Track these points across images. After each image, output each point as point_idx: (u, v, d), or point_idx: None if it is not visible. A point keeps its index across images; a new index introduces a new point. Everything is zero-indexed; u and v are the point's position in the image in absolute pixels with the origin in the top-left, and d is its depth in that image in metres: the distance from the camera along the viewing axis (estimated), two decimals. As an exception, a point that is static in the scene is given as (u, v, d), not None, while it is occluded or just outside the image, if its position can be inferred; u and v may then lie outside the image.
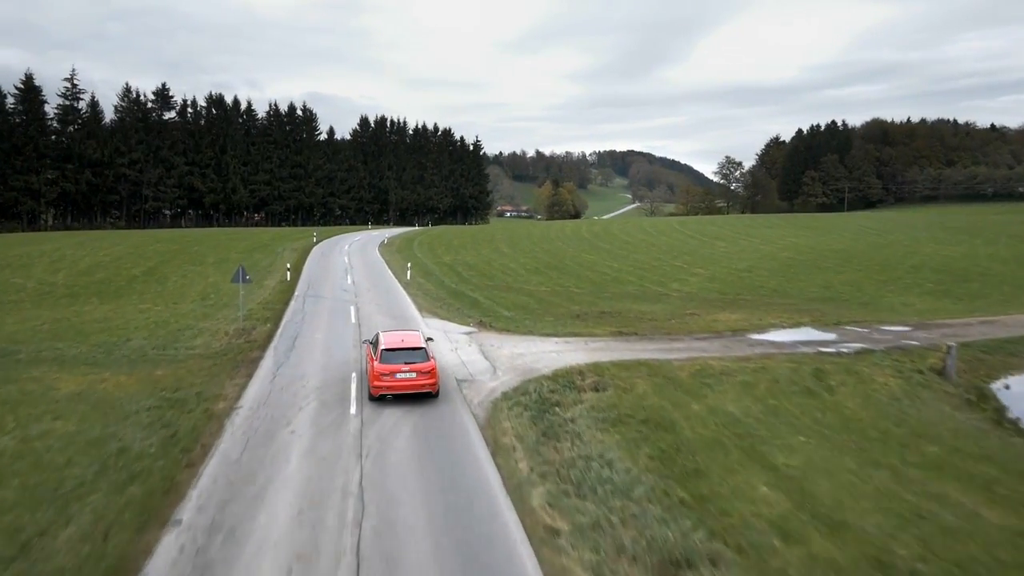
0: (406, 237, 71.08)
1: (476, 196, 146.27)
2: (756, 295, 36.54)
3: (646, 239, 66.47)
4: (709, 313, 30.19)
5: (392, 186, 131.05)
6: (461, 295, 33.78)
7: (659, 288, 38.57)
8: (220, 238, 64.84)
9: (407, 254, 54.07)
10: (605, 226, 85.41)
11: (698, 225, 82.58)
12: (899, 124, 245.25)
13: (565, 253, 55.49)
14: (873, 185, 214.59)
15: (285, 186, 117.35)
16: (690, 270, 45.42)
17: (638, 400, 16.57)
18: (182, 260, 48.21)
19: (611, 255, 54.26)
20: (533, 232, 75.85)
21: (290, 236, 69.75)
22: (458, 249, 59.25)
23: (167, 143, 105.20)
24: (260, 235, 69.59)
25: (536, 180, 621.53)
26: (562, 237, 70.18)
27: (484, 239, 68.92)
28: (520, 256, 53.97)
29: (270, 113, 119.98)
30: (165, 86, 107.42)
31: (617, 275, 43.45)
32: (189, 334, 24.58)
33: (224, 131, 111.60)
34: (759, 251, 55.34)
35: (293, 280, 37.68)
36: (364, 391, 16.69)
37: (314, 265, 44.49)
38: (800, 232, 71.34)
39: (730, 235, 69.26)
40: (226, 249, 55.15)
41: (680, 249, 57.69)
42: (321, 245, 59.68)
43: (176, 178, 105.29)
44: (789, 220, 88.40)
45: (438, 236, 72.99)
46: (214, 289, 36.25)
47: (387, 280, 37.69)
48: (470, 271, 45.38)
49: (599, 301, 33.50)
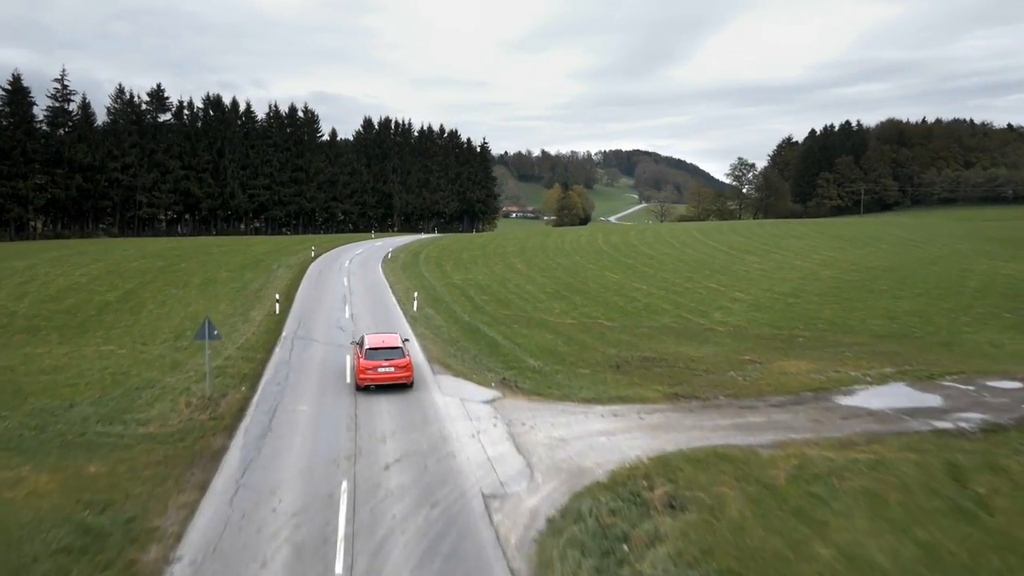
0: (411, 250, 66.49)
1: (483, 200, 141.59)
2: (814, 329, 31.82)
3: (670, 252, 61.73)
4: (770, 359, 25.53)
5: (397, 190, 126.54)
6: (476, 333, 29.17)
7: (700, 320, 33.87)
8: (212, 251, 60.37)
9: (413, 273, 49.50)
10: (622, 235, 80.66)
11: (720, 235, 77.78)
12: (915, 124, 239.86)
13: (586, 271, 50.82)
14: (889, 187, 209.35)
15: (285, 191, 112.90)
16: (729, 294, 40.69)
17: (736, 534, 11.90)
18: (164, 281, 43.70)
19: (636, 273, 49.57)
20: (547, 244, 71.17)
21: (287, 248, 65.24)
22: (468, 266, 54.64)
23: (162, 146, 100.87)
24: (255, 247, 65.08)
25: (542, 180, 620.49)
26: (578, 249, 65.51)
27: (495, 252, 64.29)
28: (537, 275, 49.33)
29: (270, 114, 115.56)
30: (160, 87, 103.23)
31: (648, 301, 38.75)
32: (148, 396, 20.04)
33: (222, 133, 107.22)
34: (797, 268, 50.57)
35: (283, 311, 33.11)
36: (365, 525, 12.08)
37: (309, 290, 39.90)
38: (833, 244, 66.49)
39: (758, 247, 64.46)
40: (215, 266, 50.65)
41: (710, 265, 52.95)
42: (319, 261, 55.14)
43: (171, 183, 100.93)
44: (815, 228, 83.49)
45: (446, 248, 68.40)
46: (192, 322, 31.70)
47: (391, 312, 33.10)
48: (483, 295, 40.76)
49: (637, 341, 28.84)
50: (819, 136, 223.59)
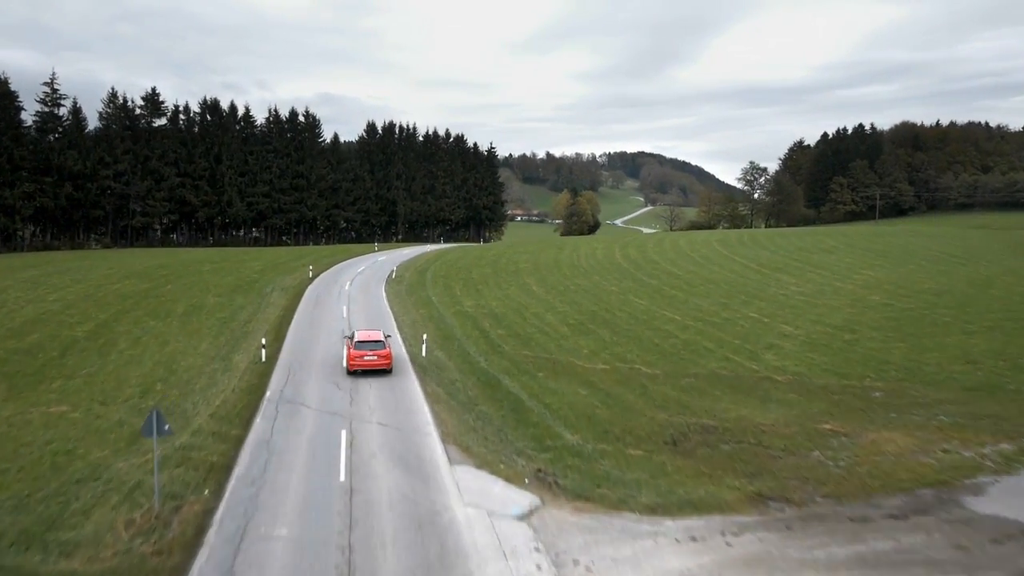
0: (418, 267, 62.08)
1: (490, 207, 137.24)
2: (886, 378, 27.32)
3: (696, 271, 57.22)
4: (855, 428, 21.09)
5: (401, 197, 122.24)
6: (496, 388, 24.77)
7: (751, 364, 29.38)
8: (202, 270, 56.11)
9: (420, 298, 45.12)
10: (640, 248, 76.13)
11: (744, 248, 73.21)
12: (929, 127, 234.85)
13: (608, 295, 46.35)
14: (905, 192, 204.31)
15: (285, 198, 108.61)
16: (774, 327, 36.19)
17: None
18: (145, 309, 39.37)
19: (664, 298, 45.08)
20: (561, 259, 66.72)
21: (284, 265, 60.93)
22: (479, 287, 50.24)
23: (156, 153, 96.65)
24: (249, 264, 60.77)
25: (546, 183, 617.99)
26: (596, 267, 61.06)
27: (507, 269, 59.88)
28: (555, 299, 44.88)
29: (269, 119, 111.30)
30: (155, 91, 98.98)
31: (686, 337, 34.26)
32: (87, 496, 15.67)
33: (219, 139, 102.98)
34: (840, 292, 46.01)
35: (271, 356, 28.68)
36: None
37: (303, 325, 35.46)
38: (868, 260, 61.90)
39: (789, 264, 59.90)
40: (203, 290, 46.34)
41: (743, 287, 48.43)
42: (317, 283, 50.76)
43: (166, 191, 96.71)
44: (843, 240, 78.80)
45: (454, 264, 63.99)
46: (165, 370, 27.35)
47: (396, 359, 28.71)
48: (499, 327, 36.34)
49: (687, 398, 24.39)
50: (832, 140, 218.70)
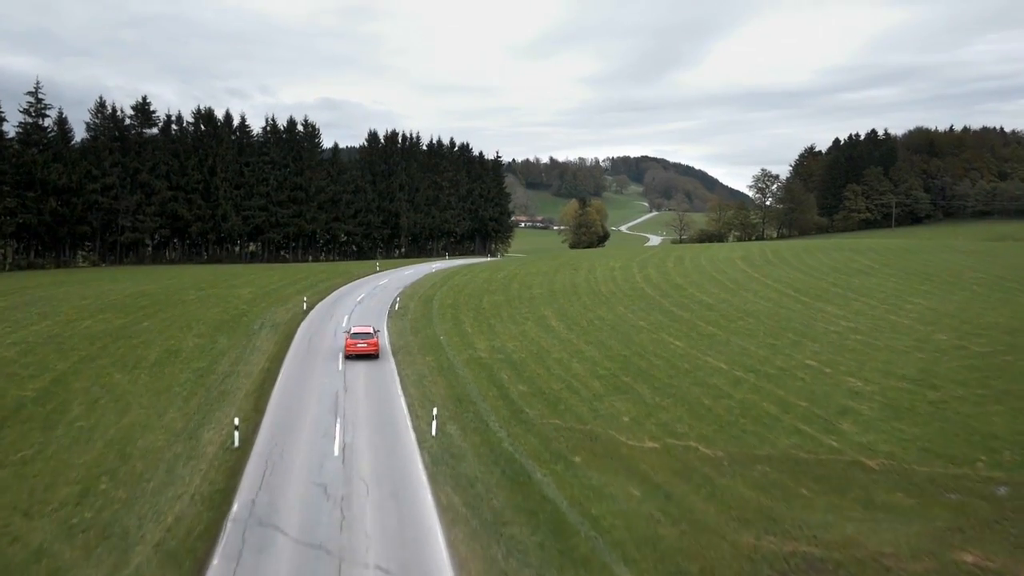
0: (423, 295, 57.03)
1: (497, 218, 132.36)
2: (1003, 462, 22.17)
3: (727, 298, 52.08)
4: (1004, 556, 16.01)
5: (404, 209, 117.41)
6: (527, 489, 19.69)
7: (831, 439, 24.25)
8: (187, 299, 51.17)
9: (426, 339, 40.05)
10: (659, 267, 71.03)
11: (770, 267, 68.05)
12: (944, 133, 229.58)
13: (638, 332, 41.24)
14: (921, 199, 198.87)
15: (283, 212, 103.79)
16: (839, 379, 31.04)
17: None
18: (113, 356, 34.37)
19: (702, 337, 39.93)
20: (577, 282, 61.68)
21: (276, 293, 55.98)
22: (492, 321, 45.18)
23: (147, 165, 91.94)
24: (239, 291, 55.78)
25: (550, 188, 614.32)
26: (617, 292, 56.00)
27: (520, 296, 54.85)
28: (579, 339, 39.78)
29: (267, 129, 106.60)
30: (145, 100, 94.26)
31: (743, 396, 29.12)
32: None
33: (214, 150, 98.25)
34: (898, 328, 40.84)
35: (247, 440, 23.58)
36: None
37: (290, 385, 30.29)
38: (912, 284, 56.72)
39: (828, 289, 54.73)
40: (184, 326, 41.35)
41: (787, 322, 43.24)
42: (311, 318, 45.73)
43: (157, 205, 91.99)
44: (876, 258, 73.61)
45: (462, 290, 58.97)
46: (117, 455, 22.31)
47: (399, 440, 23.57)
48: (520, 382, 31.27)
49: (771, 503, 19.27)
50: (844, 146, 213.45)
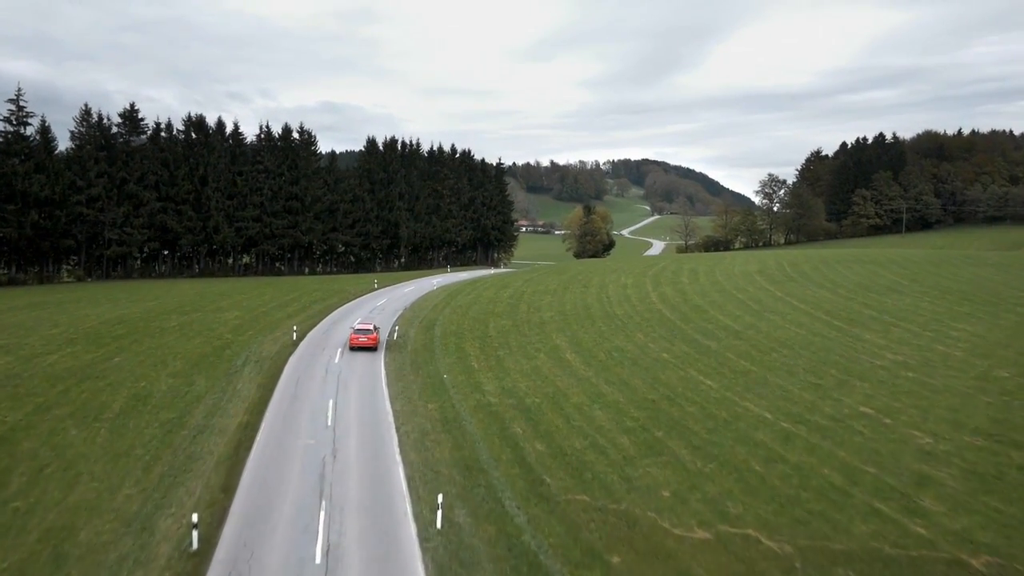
0: (424, 319, 52.90)
1: (499, 227, 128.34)
2: None
3: (754, 323, 47.91)
4: None
5: (404, 218, 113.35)
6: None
7: (918, 526, 20.12)
8: (167, 326, 47.11)
9: (427, 378, 35.95)
10: (674, 282, 66.90)
11: (795, 285, 63.91)
12: (953, 136, 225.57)
13: (663, 368, 37.11)
14: (931, 204, 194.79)
15: (278, 222, 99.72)
16: (904, 433, 26.91)
17: None
18: (73, 404, 30.27)
19: (736, 375, 35.79)
20: (589, 303, 57.60)
21: (264, 319, 51.93)
22: (500, 353, 41.08)
23: (135, 175, 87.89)
24: (225, 316, 51.69)
25: (551, 191, 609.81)
26: (633, 315, 51.90)
27: (529, 320, 50.78)
28: (599, 378, 35.67)
29: (261, 136, 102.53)
30: (134, 107, 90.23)
31: (798, 459, 24.99)
32: None
33: (205, 159, 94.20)
34: (950, 362, 36.64)
35: (208, 539, 19.49)
36: None
37: (270, 447, 26.17)
38: (951, 304, 52.53)
39: (861, 312, 50.51)
40: (160, 362, 37.25)
41: (825, 355, 39.04)
42: (301, 352, 41.53)
43: (145, 217, 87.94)
44: (902, 271, 69.51)
45: (466, 312, 54.90)
46: (52, 556, 18.17)
47: (398, 533, 19.53)
48: (536, 440, 27.17)
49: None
50: (852, 150, 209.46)
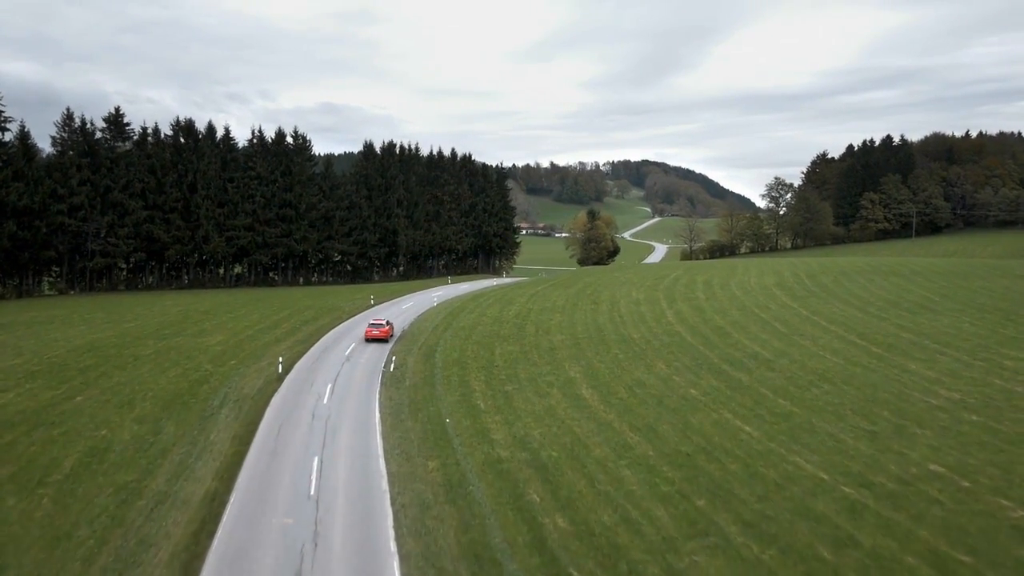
0: (423, 344, 48.60)
1: (501, 234, 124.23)
2: None
3: (786, 350, 43.71)
4: None
5: (402, 225, 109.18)
6: None
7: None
8: (142, 354, 42.91)
9: (427, 422, 31.76)
10: (689, 298, 62.79)
11: (819, 302, 59.76)
12: (961, 138, 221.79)
13: (695, 408, 32.94)
14: (941, 208, 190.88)
15: (271, 231, 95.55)
16: (991, 503, 22.72)
17: None
18: (17, 461, 25.99)
19: (779, 418, 31.62)
20: (601, 323, 53.46)
21: (251, 342, 47.73)
22: (507, 388, 36.86)
23: (120, 183, 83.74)
24: (206, 343, 47.43)
25: (551, 193, 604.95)
26: (651, 338, 47.73)
27: (538, 346, 46.59)
28: (623, 423, 31.51)
29: (253, 141, 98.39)
30: (119, 111, 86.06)
31: (873, 541, 20.78)
32: None
33: (194, 165, 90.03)
34: (1013, 400, 32.40)
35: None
36: None
37: (239, 527, 21.72)
38: (992, 325, 48.27)
39: (898, 336, 46.32)
40: (126, 404, 33.03)
41: (871, 391, 34.88)
42: (284, 392, 37.09)
43: (131, 227, 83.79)
44: (929, 285, 65.44)
45: (469, 335, 50.69)
46: None
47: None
48: (556, 511, 22.97)
49: None
50: (858, 152, 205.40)
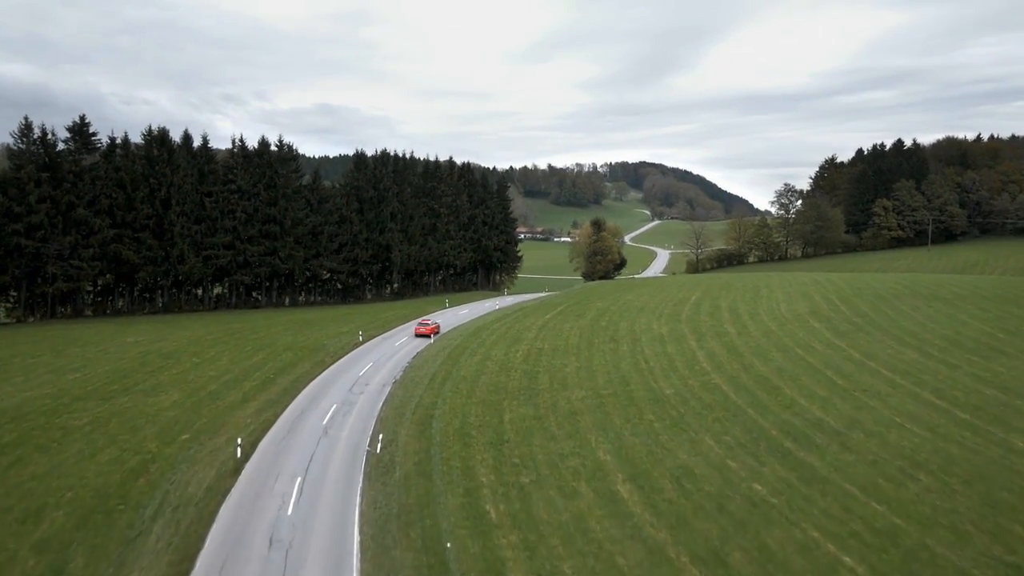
0: (418, 406, 40.91)
1: (502, 248, 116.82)
2: None
3: (855, 416, 36.30)
4: None
5: (396, 240, 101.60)
6: None
7: None
8: (75, 424, 35.32)
9: (422, 539, 24.28)
10: (717, 331, 55.46)
11: (868, 342, 52.33)
12: (973, 142, 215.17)
13: (769, 520, 25.51)
14: (956, 215, 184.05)
15: (253, 249, 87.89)
16: None
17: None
18: None
19: (876, 534, 24.29)
20: (624, 370, 45.98)
21: (212, 401, 40.07)
22: (523, 482, 29.40)
23: (84, 199, 76.08)
24: (156, 405, 39.66)
25: (548, 196, 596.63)
26: (687, 395, 40.27)
27: (555, 407, 39.10)
28: (676, 541, 24.04)
29: (234, 152, 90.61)
30: (84, 120, 78.22)
31: None
32: None
33: (168, 179, 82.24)
34: None
35: None
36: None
37: None
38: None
39: (978, 391, 38.96)
40: (30, 516, 25.50)
41: (991, 485, 27.53)
42: (243, 486, 29.57)
43: (97, 247, 76.13)
44: (977, 311, 58.03)
45: (471, 391, 43.05)
46: None
47: None
48: None
49: None
50: (868, 157, 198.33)
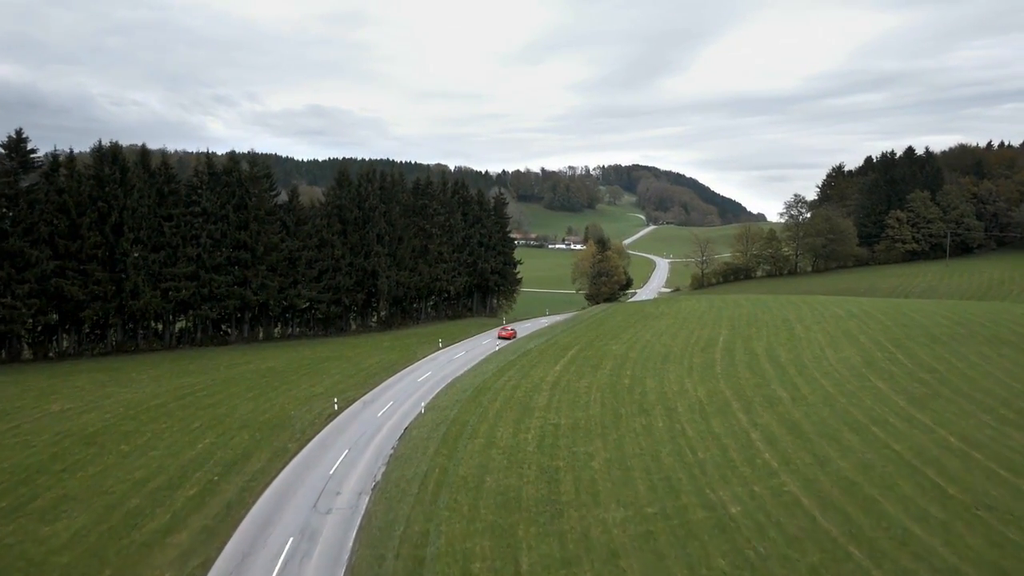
0: (410, 522, 31.22)
1: (500, 270, 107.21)
2: None
3: (986, 554, 26.97)
4: None
5: (383, 265, 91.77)
6: None
7: None
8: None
9: None
10: (765, 394, 46.09)
11: (956, 414, 43.11)
12: (986, 149, 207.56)
13: None
14: (974, 227, 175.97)
15: (220, 279, 77.94)
16: None
17: None
18: None
19: None
20: (669, 469, 36.40)
21: (128, 531, 30.16)
22: None
23: (20, 227, 66.00)
24: (44, 549, 29.94)
25: (542, 200, 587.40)
26: (758, 515, 30.77)
27: (589, 540, 29.44)
28: None
29: (199, 170, 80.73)
30: (20, 133, 68.15)
31: None
32: None
33: (121, 202, 72.27)
34: None
35: None
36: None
37: None
38: None
39: None
40: None
41: None
42: None
43: (34, 282, 66.04)
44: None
45: (477, 496, 33.31)
46: None
47: None
48: None
49: None
50: (881, 166, 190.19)
